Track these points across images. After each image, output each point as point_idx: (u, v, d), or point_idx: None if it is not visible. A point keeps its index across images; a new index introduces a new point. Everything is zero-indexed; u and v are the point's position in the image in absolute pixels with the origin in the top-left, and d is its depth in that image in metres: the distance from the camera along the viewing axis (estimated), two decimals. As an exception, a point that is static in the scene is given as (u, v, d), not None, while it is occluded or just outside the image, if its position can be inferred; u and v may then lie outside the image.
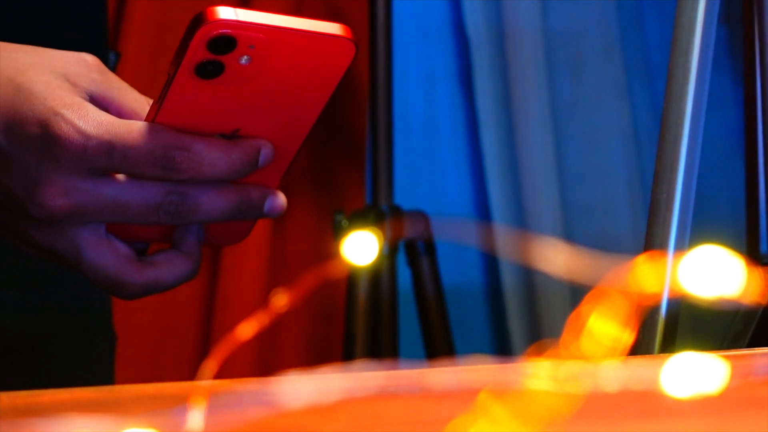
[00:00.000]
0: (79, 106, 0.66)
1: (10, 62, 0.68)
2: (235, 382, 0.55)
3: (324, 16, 1.87)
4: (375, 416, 0.47)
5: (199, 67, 0.65)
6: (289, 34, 0.65)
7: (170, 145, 0.66)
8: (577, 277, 0.56)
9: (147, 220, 0.68)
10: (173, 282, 0.71)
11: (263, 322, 0.55)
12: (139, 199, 0.67)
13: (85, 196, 0.66)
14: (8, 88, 0.67)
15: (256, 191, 0.70)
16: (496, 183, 1.95)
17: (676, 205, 0.93)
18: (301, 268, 1.76)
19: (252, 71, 0.65)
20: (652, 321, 0.91)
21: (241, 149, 0.67)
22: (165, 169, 0.66)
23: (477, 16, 1.95)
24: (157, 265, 0.70)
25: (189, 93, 0.66)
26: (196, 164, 0.66)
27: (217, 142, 0.67)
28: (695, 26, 0.94)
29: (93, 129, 0.65)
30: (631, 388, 0.49)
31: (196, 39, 0.64)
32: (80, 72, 0.68)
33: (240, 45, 0.64)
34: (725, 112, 1.73)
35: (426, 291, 1.74)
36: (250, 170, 0.68)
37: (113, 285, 0.70)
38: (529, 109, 1.93)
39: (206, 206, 0.68)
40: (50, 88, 0.66)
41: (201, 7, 0.64)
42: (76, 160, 0.65)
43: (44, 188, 0.66)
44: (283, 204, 0.71)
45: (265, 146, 0.68)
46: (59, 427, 0.44)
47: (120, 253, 0.69)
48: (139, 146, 0.65)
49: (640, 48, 1.98)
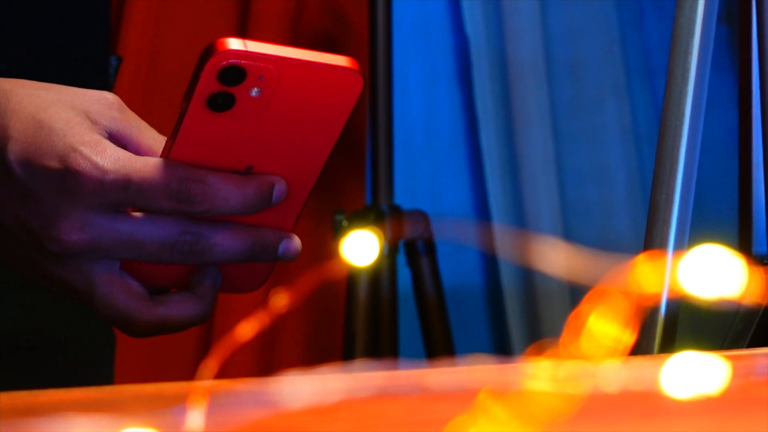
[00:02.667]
0: (97, 143, 0.67)
1: (33, 99, 0.69)
2: (235, 382, 0.55)
3: (324, 16, 1.87)
4: (375, 416, 0.47)
5: (210, 100, 0.66)
6: (297, 66, 0.66)
7: (185, 178, 0.67)
8: (576, 277, 0.56)
9: (161, 258, 0.69)
10: (182, 323, 0.71)
11: (263, 322, 0.55)
12: (154, 237, 0.68)
13: (100, 232, 0.67)
14: (30, 124, 0.68)
15: (271, 233, 0.71)
16: (496, 183, 1.95)
17: (675, 205, 0.93)
18: (301, 268, 1.76)
19: (263, 104, 0.66)
20: (652, 321, 0.91)
21: (255, 183, 0.68)
22: (180, 201, 0.67)
23: (477, 16, 1.95)
24: (168, 305, 0.71)
25: (202, 127, 0.67)
26: (210, 196, 0.67)
27: (231, 176, 0.68)
28: (694, 27, 0.94)
29: (110, 164, 0.66)
30: (631, 389, 0.49)
31: (207, 69, 0.65)
32: (100, 110, 0.69)
33: (250, 76, 0.65)
34: (725, 112, 1.73)
35: (426, 291, 1.74)
36: (264, 205, 0.69)
37: (122, 321, 0.70)
38: (529, 109, 1.93)
39: (220, 247, 0.69)
40: (70, 125, 0.67)
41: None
42: (92, 194, 0.66)
43: (60, 222, 0.67)
44: (298, 247, 0.72)
45: (279, 182, 0.69)
46: (59, 427, 0.44)
47: (131, 290, 0.70)
48: (154, 179, 0.66)
49: (640, 48, 1.99)
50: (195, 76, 0.65)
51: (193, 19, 1.77)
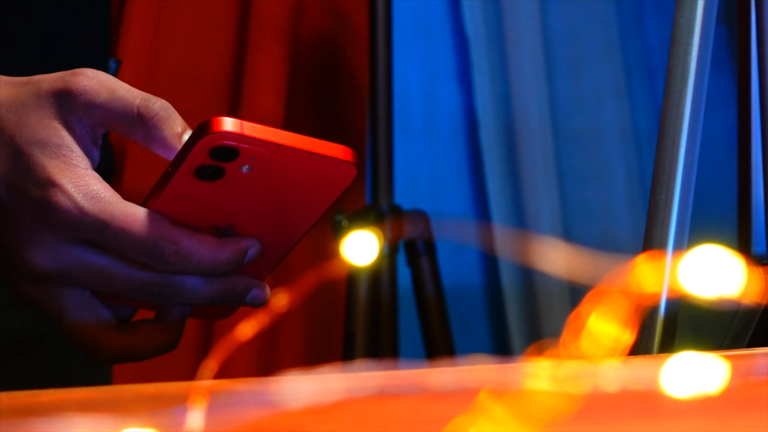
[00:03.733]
0: (80, 178, 0.67)
1: (10, 114, 0.68)
2: (235, 382, 0.55)
3: (324, 16, 1.87)
4: (375, 416, 0.47)
5: (199, 170, 0.66)
6: (292, 153, 0.66)
7: (161, 236, 0.67)
8: (576, 277, 0.56)
9: (131, 296, 0.69)
10: (148, 353, 0.72)
11: (263, 322, 0.55)
12: (125, 275, 0.68)
13: (72, 262, 0.68)
14: (9, 149, 0.67)
15: (241, 282, 0.71)
16: (496, 183, 1.95)
17: (674, 205, 0.93)
18: (301, 268, 1.76)
19: (251, 179, 0.67)
20: (651, 321, 0.91)
21: (229, 250, 0.68)
22: (152, 259, 0.67)
23: (477, 16, 1.95)
24: (134, 335, 0.71)
25: (187, 189, 0.67)
26: (182, 259, 0.67)
27: (206, 240, 0.68)
28: (694, 27, 0.94)
29: (90, 205, 0.66)
30: (631, 388, 0.49)
31: (199, 146, 0.65)
32: (69, 107, 0.68)
33: (242, 156, 0.66)
34: (724, 112, 1.73)
35: (426, 291, 1.74)
36: (235, 267, 0.69)
37: (89, 347, 0.71)
38: (529, 109, 1.93)
39: (190, 292, 0.69)
40: (47, 152, 0.67)
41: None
42: (69, 230, 0.67)
43: (33, 247, 0.67)
44: (266, 297, 0.72)
45: (254, 246, 0.69)
46: (59, 427, 0.44)
47: (100, 319, 0.70)
48: (131, 231, 0.67)
49: (640, 48, 1.99)
50: (186, 148, 0.65)
51: (193, 20, 1.77)
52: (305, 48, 1.86)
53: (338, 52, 1.89)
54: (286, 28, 1.82)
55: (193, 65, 1.80)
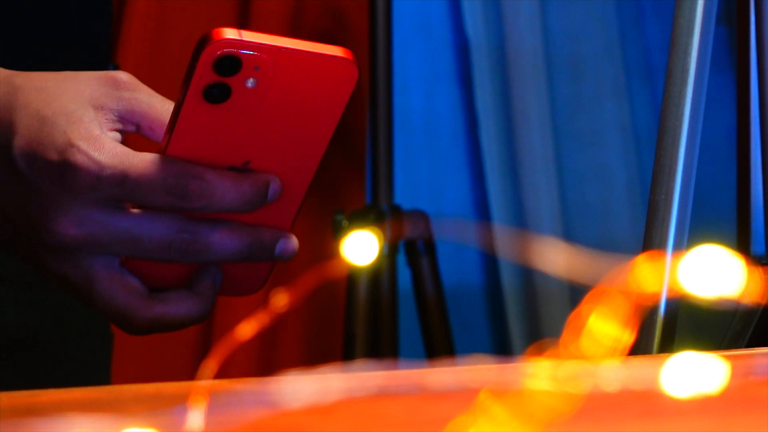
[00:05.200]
0: (96, 138, 0.67)
1: (40, 94, 0.69)
2: (235, 382, 0.55)
3: (324, 16, 1.87)
4: (375, 416, 0.47)
5: (206, 91, 0.66)
6: (292, 55, 0.66)
7: (182, 174, 0.67)
8: (576, 277, 0.56)
9: (159, 256, 0.69)
10: (181, 321, 0.71)
11: (263, 322, 0.55)
12: (152, 234, 0.68)
13: (98, 227, 0.68)
14: (34, 120, 0.68)
15: (268, 232, 0.71)
16: (496, 183, 1.95)
17: (674, 205, 0.93)
18: (301, 268, 1.76)
19: (259, 96, 0.67)
20: (651, 321, 0.91)
21: (251, 181, 0.68)
22: (177, 196, 0.67)
23: (477, 16, 1.95)
24: (167, 303, 0.71)
25: (198, 120, 0.67)
26: (207, 193, 0.67)
27: (227, 173, 0.68)
28: (694, 27, 0.94)
29: (107, 159, 0.67)
30: (631, 388, 0.49)
31: (203, 59, 0.65)
32: (108, 92, 0.70)
33: (245, 66, 0.66)
34: (724, 112, 1.73)
35: (426, 291, 1.74)
36: (260, 203, 0.69)
37: (121, 318, 0.70)
38: (529, 109, 1.93)
39: (218, 245, 0.69)
40: (71, 119, 0.68)
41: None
42: (90, 189, 0.67)
43: (59, 216, 0.67)
44: (295, 246, 0.72)
45: (274, 181, 0.69)
46: (59, 427, 0.44)
47: (130, 287, 0.70)
48: (151, 175, 0.67)
49: (640, 48, 1.99)
50: (191, 66, 0.66)
51: (193, 21, 1.77)
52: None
53: (338, 52, 1.89)
54: (286, 29, 1.82)
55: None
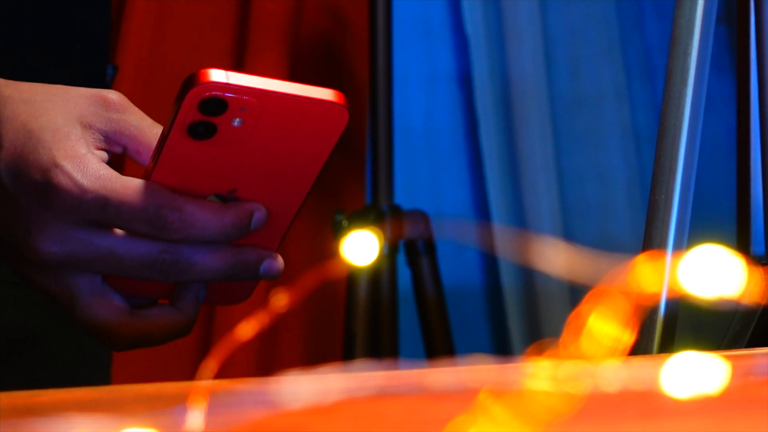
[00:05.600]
0: (81, 158, 0.67)
1: (28, 106, 0.69)
2: (235, 382, 0.55)
3: (324, 16, 1.87)
4: (375, 416, 0.47)
5: (191, 128, 0.65)
6: (281, 99, 0.65)
7: (162, 205, 0.67)
8: (576, 277, 0.56)
9: (141, 275, 0.69)
10: (162, 338, 0.71)
11: (263, 322, 0.55)
12: (134, 255, 0.68)
13: (80, 246, 0.68)
14: (20, 133, 0.68)
15: (253, 253, 0.70)
16: (496, 183, 1.95)
17: (674, 205, 0.93)
18: (301, 268, 1.76)
19: (245, 133, 0.66)
20: (651, 321, 0.91)
21: (234, 213, 0.68)
22: (156, 228, 0.67)
23: (477, 16, 1.95)
24: (148, 320, 0.71)
25: (183, 152, 0.66)
26: (187, 225, 0.67)
27: (209, 204, 0.68)
28: (694, 27, 0.94)
29: (89, 183, 0.66)
30: (631, 388, 0.49)
31: (188, 100, 0.64)
32: (97, 112, 0.69)
33: (231, 107, 0.65)
34: (724, 112, 1.73)
35: (426, 291, 1.74)
36: (242, 233, 0.69)
37: (102, 334, 0.70)
38: (529, 109, 1.93)
39: (200, 266, 0.69)
40: (57, 137, 0.67)
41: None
42: (72, 211, 0.67)
43: (41, 234, 0.67)
44: (280, 267, 0.72)
45: (259, 210, 0.69)
46: (59, 427, 0.44)
47: (112, 305, 0.70)
48: (132, 203, 0.66)
49: (640, 48, 1.99)
50: (177, 103, 0.65)
51: (192, 22, 1.77)
52: (305, 49, 1.86)
53: (338, 53, 1.89)
54: (286, 29, 1.82)
55: (193, 67, 1.79)
